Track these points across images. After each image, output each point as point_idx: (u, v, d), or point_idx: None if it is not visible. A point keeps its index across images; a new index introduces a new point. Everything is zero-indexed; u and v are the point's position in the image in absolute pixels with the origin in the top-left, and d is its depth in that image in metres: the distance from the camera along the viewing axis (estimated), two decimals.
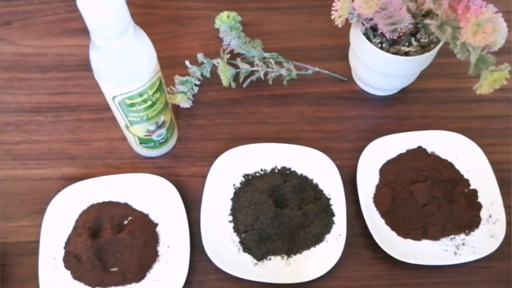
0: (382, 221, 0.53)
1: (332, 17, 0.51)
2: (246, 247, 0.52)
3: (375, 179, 0.56)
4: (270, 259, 0.51)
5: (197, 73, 0.62)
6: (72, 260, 0.50)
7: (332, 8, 0.51)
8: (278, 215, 0.51)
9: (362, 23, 0.54)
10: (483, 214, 0.53)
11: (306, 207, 0.52)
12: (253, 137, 0.59)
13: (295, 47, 0.67)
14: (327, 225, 0.52)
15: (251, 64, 0.62)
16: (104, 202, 0.54)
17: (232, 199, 0.55)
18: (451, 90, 0.64)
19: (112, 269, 0.50)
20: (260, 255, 0.51)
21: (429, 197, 0.52)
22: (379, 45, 0.55)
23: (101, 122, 0.61)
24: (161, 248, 0.52)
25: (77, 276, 0.50)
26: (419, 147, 0.57)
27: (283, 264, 0.51)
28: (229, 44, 0.63)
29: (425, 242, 0.52)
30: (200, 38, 0.68)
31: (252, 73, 0.62)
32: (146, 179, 0.54)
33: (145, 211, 0.54)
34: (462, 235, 0.52)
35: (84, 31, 0.42)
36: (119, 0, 0.39)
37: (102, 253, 0.50)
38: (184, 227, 0.52)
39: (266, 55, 0.62)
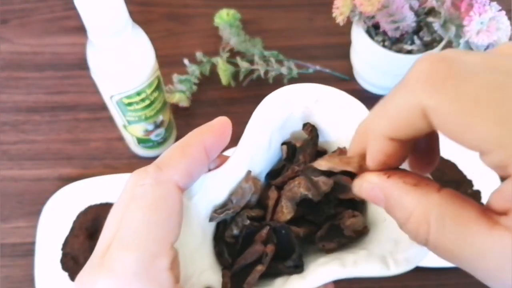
0: None
1: (334, 14, 0.51)
2: None
3: None
4: None
5: (196, 71, 0.61)
6: (69, 261, 0.50)
7: (334, 6, 0.51)
8: None
9: (364, 21, 0.53)
10: None
11: None
12: None
13: (296, 45, 0.66)
14: None
15: (251, 62, 0.61)
16: (101, 203, 0.53)
17: None
18: None
19: None
20: None
21: None
22: (381, 43, 0.54)
23: (99, 121, 0.60)
24: None
25: (74, 278, 0.49)
26: None
27: None
28: (228, 42, 0.62)
29: None
30: (199, 36, 0.68)
31: (252, 71, 0.61)
32: None
33: None
34: None
35: (81, 30, 0.41)
36: None
37: None
38: None
39: (266, 53, 0.62)
